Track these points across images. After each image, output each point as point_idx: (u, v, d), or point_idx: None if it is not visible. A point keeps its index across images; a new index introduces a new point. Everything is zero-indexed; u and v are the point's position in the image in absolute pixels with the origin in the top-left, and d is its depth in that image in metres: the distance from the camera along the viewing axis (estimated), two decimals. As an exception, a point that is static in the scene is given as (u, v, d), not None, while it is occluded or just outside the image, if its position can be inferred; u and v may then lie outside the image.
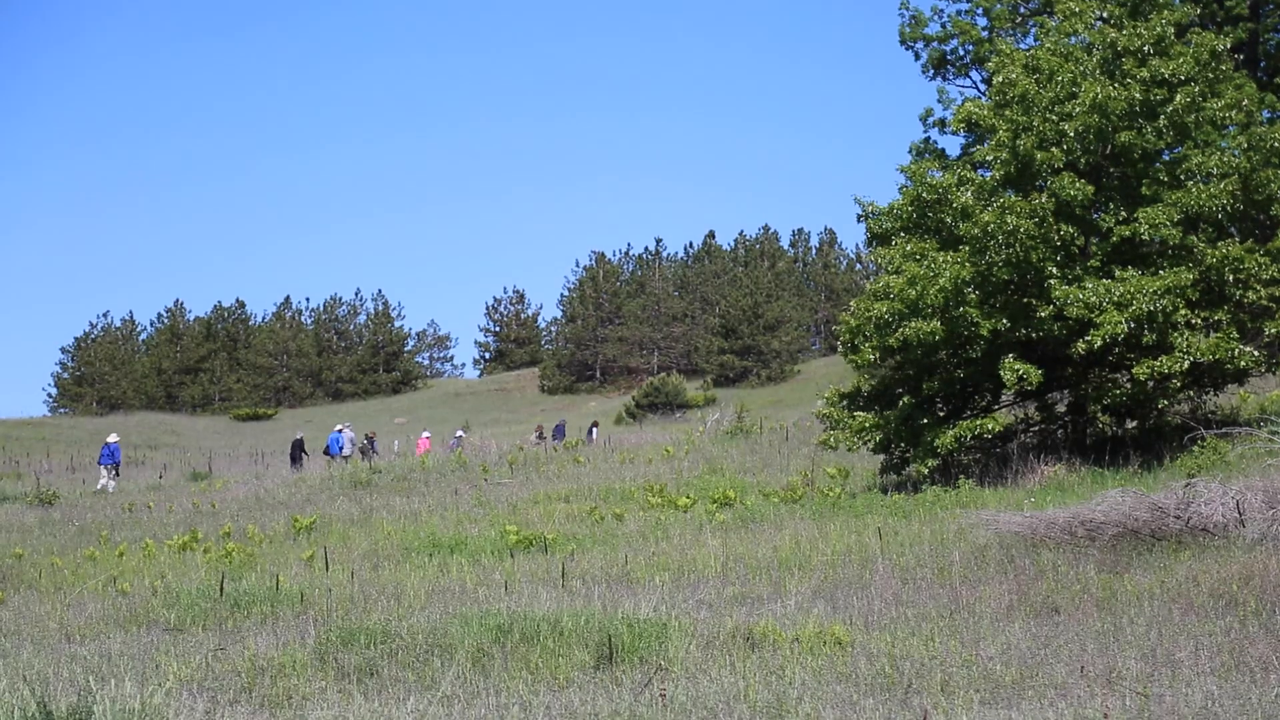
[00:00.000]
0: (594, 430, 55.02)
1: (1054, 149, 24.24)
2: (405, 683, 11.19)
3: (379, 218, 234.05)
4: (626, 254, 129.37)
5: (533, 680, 10.98)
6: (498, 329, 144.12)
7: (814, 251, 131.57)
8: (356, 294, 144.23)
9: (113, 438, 44.40)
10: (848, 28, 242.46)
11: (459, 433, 55.67)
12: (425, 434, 53.55)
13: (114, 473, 42.95)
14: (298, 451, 47.31)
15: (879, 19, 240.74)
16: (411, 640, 12.38)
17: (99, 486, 41.84)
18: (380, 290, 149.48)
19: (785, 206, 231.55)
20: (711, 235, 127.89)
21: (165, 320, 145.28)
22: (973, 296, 23.88)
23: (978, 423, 24.26)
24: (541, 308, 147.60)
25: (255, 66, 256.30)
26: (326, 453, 46.44)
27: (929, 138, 36.15)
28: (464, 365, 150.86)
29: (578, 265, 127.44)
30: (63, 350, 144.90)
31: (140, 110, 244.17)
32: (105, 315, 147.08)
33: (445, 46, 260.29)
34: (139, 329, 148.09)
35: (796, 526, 19.91)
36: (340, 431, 48.61)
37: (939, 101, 38.37)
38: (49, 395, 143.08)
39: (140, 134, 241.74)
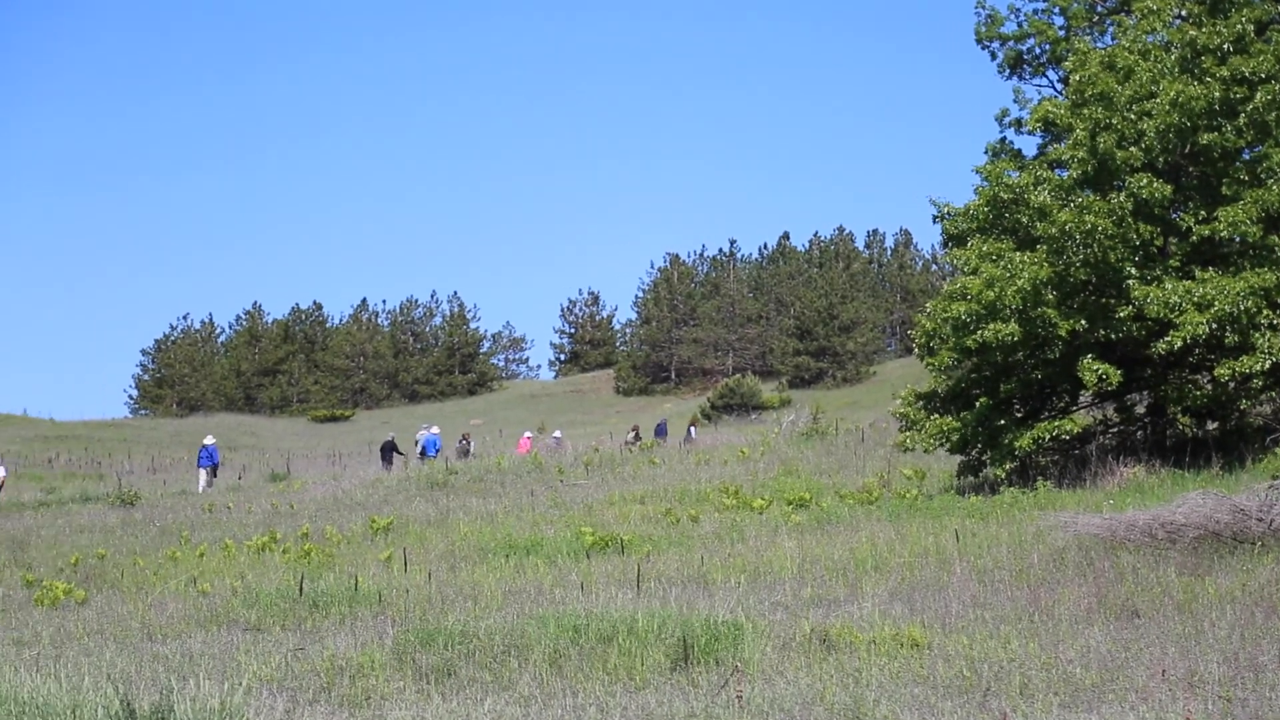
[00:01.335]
0: (693, 430, 54.97)
1: (1133, 148, 24.02)
2: (482, 683, 11.24)
3: (455, 220, 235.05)
4: (701, 255, 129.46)
5: (609, 681, 11.00)
6: (572, 331, 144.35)
7: (889, 252, 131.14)
8: (432, 296, 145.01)
9: (209, 439, 44.90)
10: (923, 27, 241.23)
11: (556, 433, 55.92)
12: (527, 434, 53.86)
13: (212, 474, 43.38)
14: (389, 453, 47.52)
15: (955, 18, 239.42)
16: (488, 641, 12.42)
17: (201, 489, 42.29)
18: (456, 292, 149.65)
19: (860, 207, 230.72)
20: (786, 236, 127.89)
21: (244, 322, 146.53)
22: (1051, 297, 23.68)
23: (1056, 424, 24.09)
24: (616, 309, 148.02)
25: (333, 71, 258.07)
26: (423, 454, 46.65)
27: (1005, 138, 35.82)
28: (539, 367, 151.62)
29: (652, 267, 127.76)
30: (143, 352, 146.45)
31: (222, 118, 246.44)
32: (185, 318, 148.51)
33: (516, 52, 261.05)
34: (218, 331, 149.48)
35: (873, 528, 19.83)
36: (436, 434, 49.00)
37: (1015, 101, 38.04)
38: (130, 397, 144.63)
39: (219, 140, 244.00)
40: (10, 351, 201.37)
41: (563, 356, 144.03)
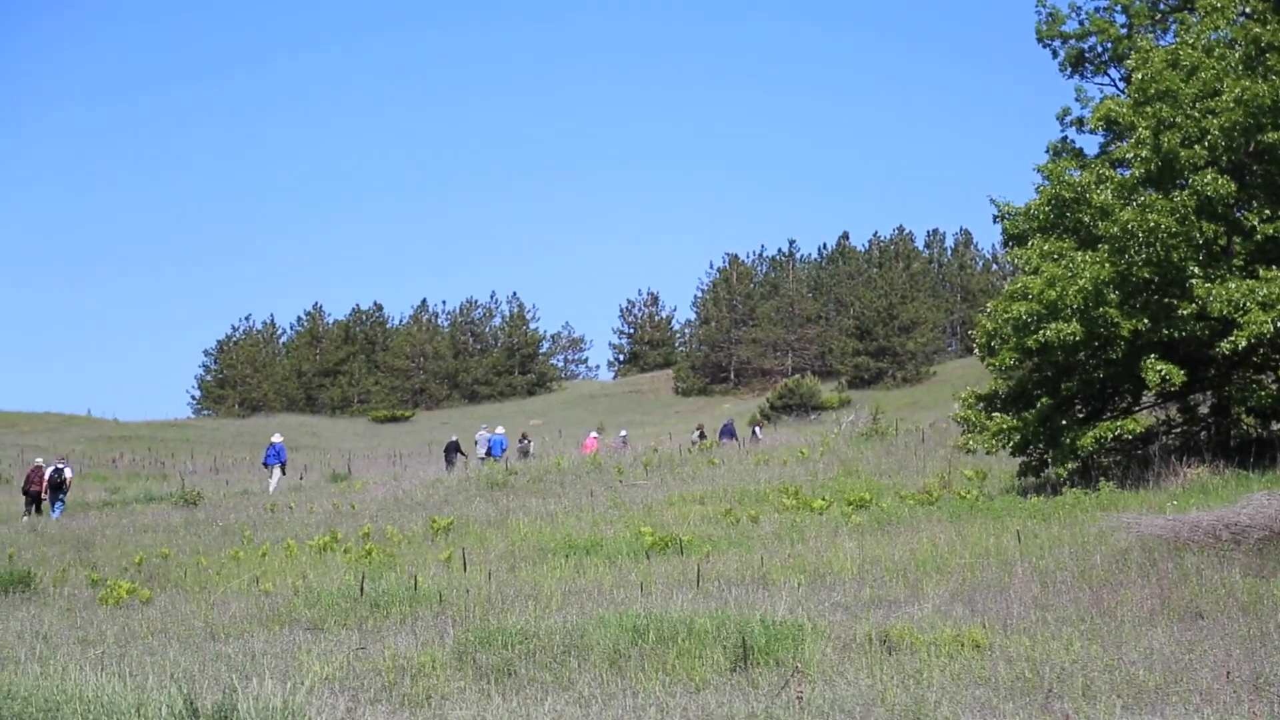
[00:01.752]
0: (758, 430, 54.90)
1: (1196, 146, 23.81)
2: (542, 683, 11.25)
3: (515, 220, 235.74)
4: (760, 255, 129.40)
5: (669, 682, 10.99)
6: (631, 331, 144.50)
7: (949, 252, 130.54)
8: (492, 297, 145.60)
9: (277, 438, 45.22)
10: (984, 26, 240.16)
11: (622, 433, 56.01)
12: (592, 434, 53.99)
13: (280, 472, 43.70)
14: (453, 453, 47.69)
15: (1015, 17, 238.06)
16: (549, 641, 12.43)
17: (272, 487, 42.62)
18: (515, 293, 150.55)
19: (920, 207, 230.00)
20: (845, 236, 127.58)
21: (305, 323, 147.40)
22: (1113, 296, 23.49)
23: (1118, 424, 23.90)
24: (675, 310, 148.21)
25: (395, 71, 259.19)
26: (489, 454, 46.83)
27: (1066, 136, 35.58)
28: (598, 367, 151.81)
29: (711, 267, 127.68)
30: (205, 353, 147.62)
31: (284, 121, 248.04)
32: (247, 319, 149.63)
33: (576, 51, 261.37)
34: (279, 332, 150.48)
35: (933, 529, 19.75)
36: (502, 434, 49.22)
37: (1077, 100, 37.77)
38: (192, 397, 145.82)
39: (281, 142, 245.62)
40: (75, 352, 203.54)
41: (622, 357, 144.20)
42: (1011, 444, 25.13)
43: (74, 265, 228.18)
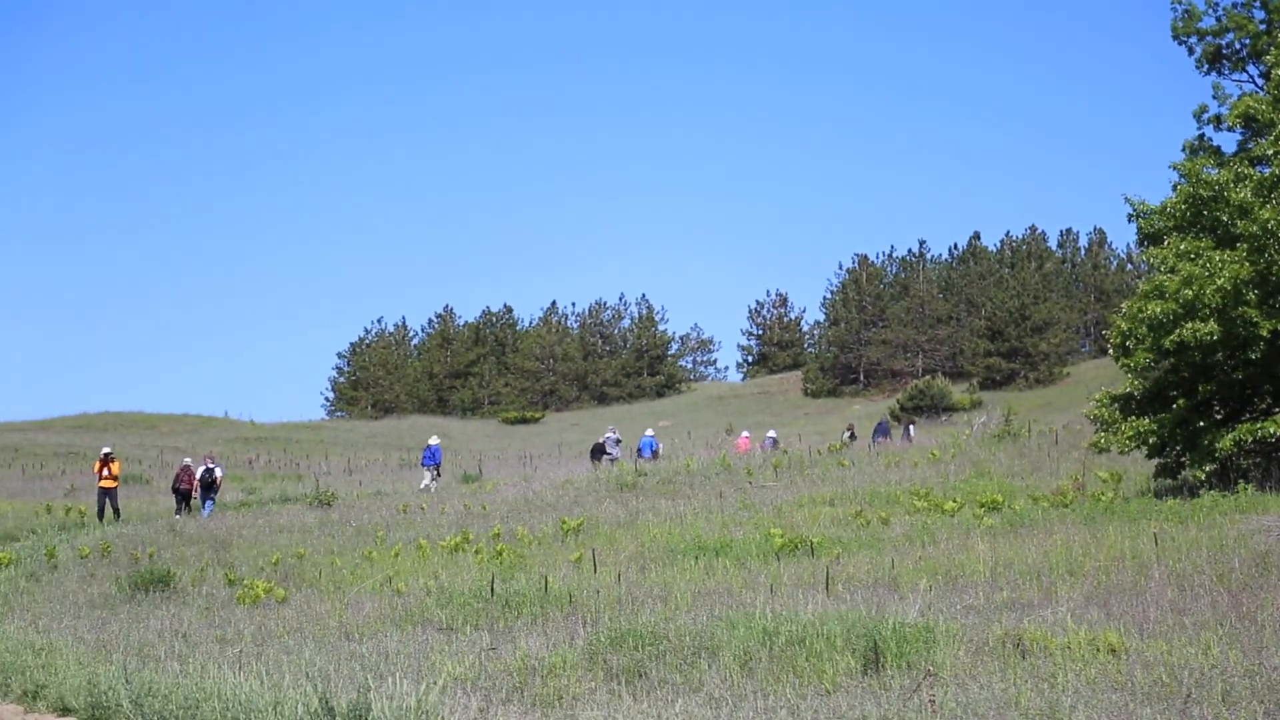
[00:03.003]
0: (911, 429, 54.61)
1: (1339, 142, 23.35)
2: (673, 684, 11.27)
3: (644, 222, 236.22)
4: (890, 256, 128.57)
5: (799, 684, 10.97)
6: (760, 332, 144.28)
7: (1083, 252, 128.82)
8: (621, 298, 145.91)
9: (434, 440, 45.79)
10: (1119, 23, 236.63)
11: (771, 433, 56.07)
12: (745, 434, 54.10)
13: (436, 473, 44.25)
14: (600, 453, 48.03)
15: (1151, 13, 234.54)
16: (678, 642, 12.45)
17: (422, 486, 43.13)
18: (644, 294, 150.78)
19: (1053, 206, 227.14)
20: (976, 236, 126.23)
21: (436, 325, 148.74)
22: (1252, 296, 23.08)
23: (1258, 425, 23.46)
24: (805, 311, 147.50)
25: (524, 73, 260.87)
26: (639, 454, 47.24)
27: (1203, 134, 35.11)
28: (727, 369, 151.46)
29: (840, 268, 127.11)
30: (339, 355, 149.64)
31: (413, 124, 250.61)
32: (379, 321, 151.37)
33: (704, 52, 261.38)
34: (411, 334, 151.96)
35: (1067, 531, 19.50)
36: (652, 435, 49.62)
37: (1214, 97, 37.23)
38: (326, 399, 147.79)
39: (415, 146, 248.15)
40: (213, 355, 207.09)
41: (750, 358, 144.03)
42: (1147, 445, 24.78)
43: (212, 270, 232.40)
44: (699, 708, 10.43)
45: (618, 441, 48.72)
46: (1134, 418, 24.97)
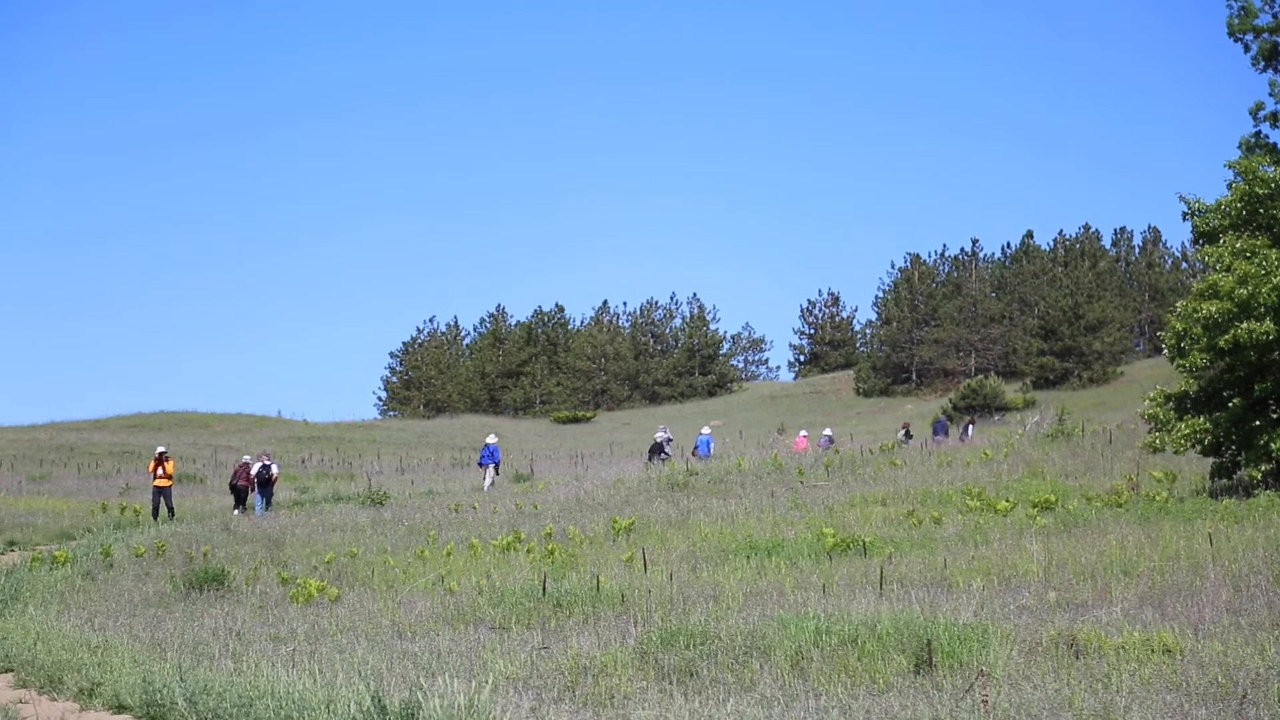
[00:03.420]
0: (970, 428, 54.41)
1: (1397, 138, 23.11)
2: (724, 684, 11.26)
3: (694, 221, 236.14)
4: (942, 255, 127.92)
5: (851, 684, 10.95)
6: (812, 331, 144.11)
7: (1137, 250, 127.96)
8: (672, 297, 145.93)
9: (492, 438, 45.91)
10: (1172, 20, 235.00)
11: (827, 432, 56.00)
12: (802, 433, 54.18)
13: (495, 471, 44.44)
14: (658, 452, 48.10)
15: (1205, 10, 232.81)
16: (730, 642, 12.45)
17: (488, 486, 43.30)
18: (695, 294, 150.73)
19: (1106, 205, 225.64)
20: (1030, 235, 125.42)
21: (488, 325, 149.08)
22: (1309, 294, 22.89)
23: (1315, 425, 23.26)
24: (856, 310, 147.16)
25: (572, 77, 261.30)
26: (695, 453, 47.28)
27: (1259, 131, 34.67)
28: (778, 368, 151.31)
29: (893, 267, 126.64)
30: (391, 355, 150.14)
31: (463, 125, 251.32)
32: (431, 321, 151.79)
33: (756, 50, 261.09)
34: (463, 334, 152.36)
35: (1121, 531, 19.39)
36: (709, 434, 49.69)
37: (1270, 94, 36.81)
38: (379, 399, 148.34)
39: (465, 147, 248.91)
40: (266, 355, 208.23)
41: (802, 357, 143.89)
42: (1202, 445, 24.60)
43: (267, 270, 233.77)
44: (751, 707, 10.42)
45: (669, 440, 48.79)
46: (1189, 417, 24.79)
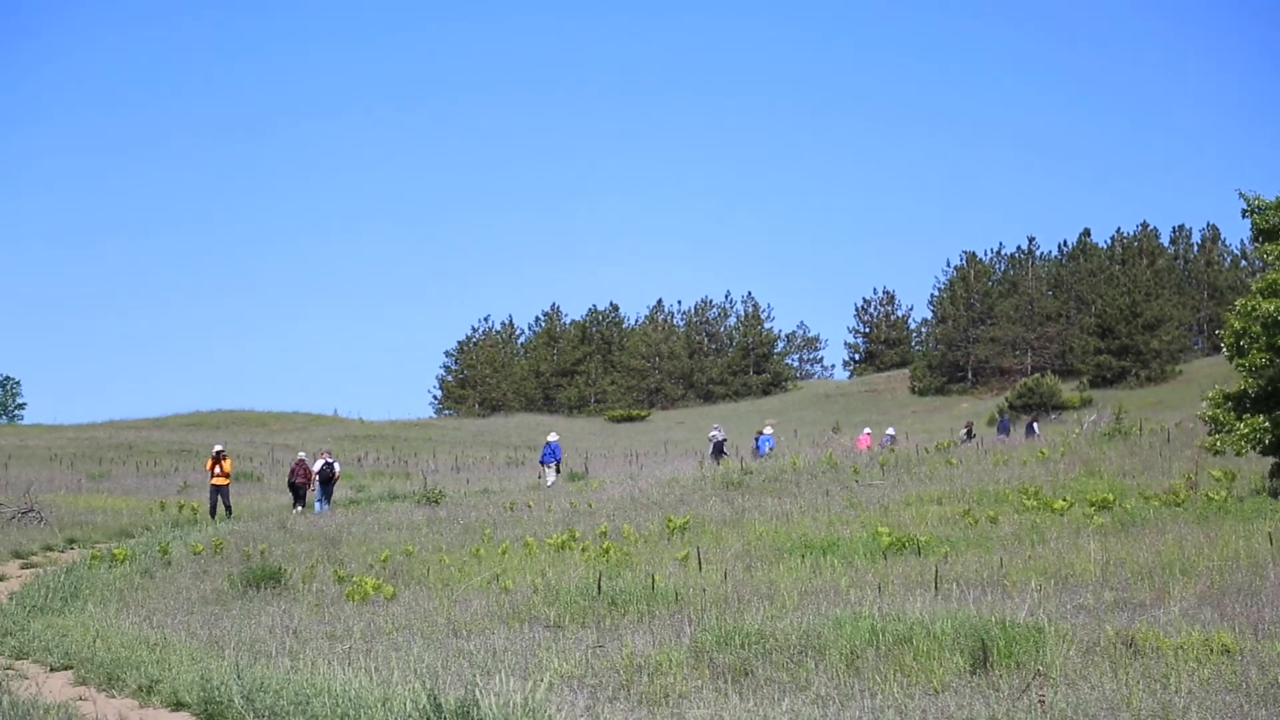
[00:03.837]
0: (1035, 426, 54.18)
1: None
2: (779, 683, 11.25)
3: (748, 219, 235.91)
4: (998, 253, 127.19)
5: (907, 683, 10.91)
6: (867, 330, 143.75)
7: (1195, 248, 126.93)
8: (726, 296, 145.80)
9: (553, 437, 46.14)
10: (1230, 16, 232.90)
11: (890, 430, 55.92)
12: (866, 431, 54.18)
13: (555, 470, 44.61)
14: (720, 451, 48.24)
15: (1263, 5, 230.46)
16: (785, 641, 12.43)
17: (549, 484, 43.47)
18: (750, 292, 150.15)
19: (1164, 203, 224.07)
20: (1087, 233, 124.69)
21: (542, 324, 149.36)
22: (1369, 292, 22.66)
23: (1375, 424, 23.03)
24: (912, 308, 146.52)
25: (624, 72, 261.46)
26: (756, 450, 47.42)
27: (1320, 126, 34.47)
28: (833, 367, 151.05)
29: (948, 265, 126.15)
30: (446, 354, 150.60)
31: (523, 125, 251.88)
32: (486, 320, 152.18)
33: (808, 51, 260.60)
34: (518, 333, 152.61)
35: (1179, 530, 19.25)
36: (769, 433, 49.86)
37: (1331, 88, 36.55)
38: (434, 397, 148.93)
39: (520, 142, 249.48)
40: (323, 354, 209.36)
41: (857, 356, 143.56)
42: (1262, 445, 24.39)
43: (323, 269, 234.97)
44: (806, 706, 10.40)
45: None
46: (1248, 416, 24.59)
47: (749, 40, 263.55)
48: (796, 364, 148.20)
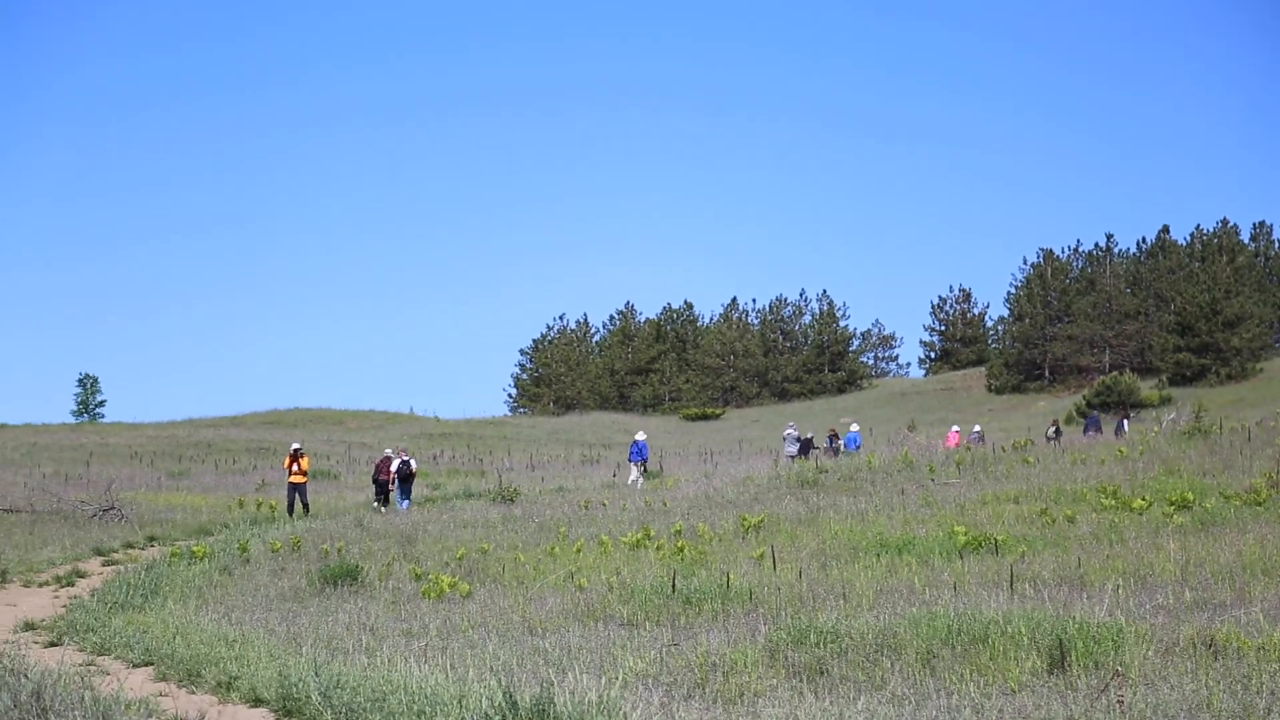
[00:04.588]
0: (1125, 423, 53.84)
1: None
2: (855, 682, 11.21)
3: (824, 218, 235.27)
4: (1075, 251, 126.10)
5: (983, 683, 10.85)
6: (943, 328, 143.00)
7: (1276, 245, 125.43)
8: (801, 294, 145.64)
9: (640, 435, 46.35)
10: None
11: (976, 428, 55.81)
12: (954, 428, 54.11)
13: (643, 469, 44.79)
14: (808, 449, 48.38)
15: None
16: (860, 640, 12.39)
17: (630, 480, 43.69)
18: (825, 290, 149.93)
19: (1245, 199, 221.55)
20: (1165, 230, 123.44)
21: (617, 322, 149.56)
22: None
23: None
24: (988, 306, 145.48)
25: (702, 73, 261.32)
26: (844, 448, 47.57)
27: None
28: (909, 365, 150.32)
29: (1025, 263, 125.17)
30: (521, 352, 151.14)
31: (599, 117, 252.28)
32: (561, 318, 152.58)
33: (895, 50, 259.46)
34: (592, 331, 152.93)
35: (1261, 530, 19.03)
36: (856, 430, 49.95)
37: None
38: (509, 396, 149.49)
39: (597, 141, 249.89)
40: (399, 353, 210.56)
41: (933, 354, 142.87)
42: (1345, 443, 24.10)
43: (400, 269, 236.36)
44: (881, 705, 10.36)
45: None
46: (1331, 414, 24.29)
47: (828, 38, 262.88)
48: (871, 362, 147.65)
